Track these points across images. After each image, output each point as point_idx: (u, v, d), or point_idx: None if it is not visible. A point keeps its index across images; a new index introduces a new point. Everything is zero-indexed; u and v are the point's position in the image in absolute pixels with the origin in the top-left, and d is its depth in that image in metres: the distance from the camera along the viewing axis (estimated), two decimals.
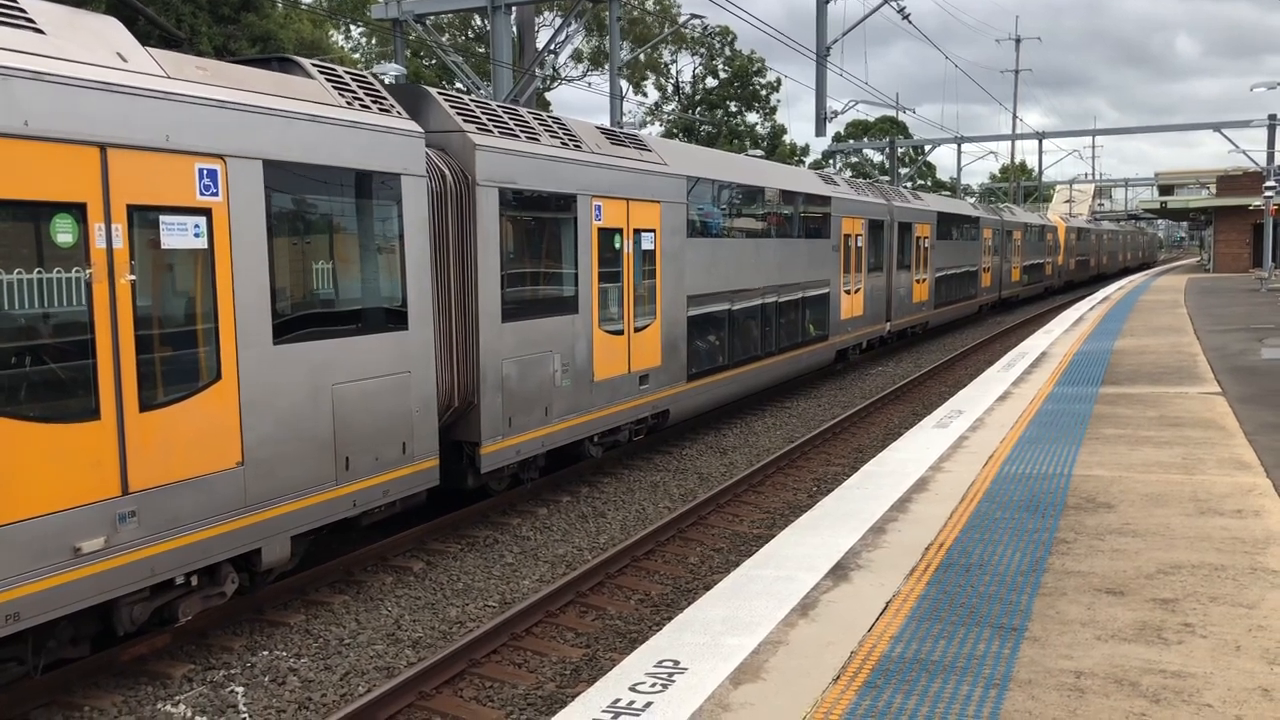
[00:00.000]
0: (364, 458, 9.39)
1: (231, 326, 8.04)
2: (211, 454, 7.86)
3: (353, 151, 9.22)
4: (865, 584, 6.48)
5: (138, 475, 7.25)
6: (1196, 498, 8.42)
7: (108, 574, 7.08)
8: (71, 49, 6.99)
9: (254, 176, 8.18)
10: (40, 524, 6.63)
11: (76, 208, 6.85)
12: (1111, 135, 72.58)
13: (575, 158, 12.79)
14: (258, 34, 33.17)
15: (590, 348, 13.20)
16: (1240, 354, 18.15)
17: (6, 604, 6.44)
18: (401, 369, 9.85)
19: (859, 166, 77.06)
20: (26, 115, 6.52)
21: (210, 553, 7.90)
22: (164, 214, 7.48)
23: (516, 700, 7.67)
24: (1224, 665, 5.18)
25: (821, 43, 28.41)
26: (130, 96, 7.19)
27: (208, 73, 8.03)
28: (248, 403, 8.16)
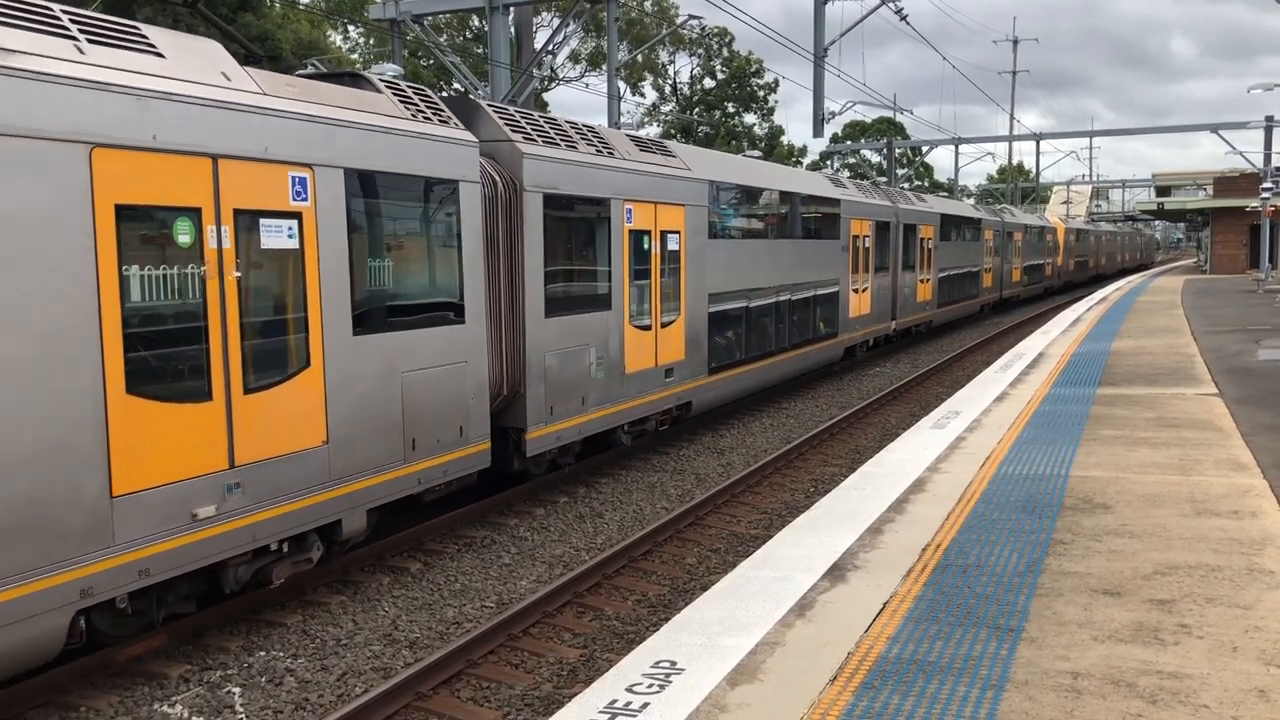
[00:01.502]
0: (427, 439, 10.28)
1: (319, 319, 8.95)
2: (302, 433, 8.75)
3: (418, 160, 10.12)
4: (862, 585, 6.48)
5: (242, 451, 8.15)
6: (1193, 499, 8.43)
7: (218, 538, 7.99)
8: (186, 70, 7.86)
9: (337, 184, 9.10)
10: (166, 491, 7.54)
11: (194, 212, 7.75)
12: (1109, 136, 72.58)
13: (608, 164, 13.67)
14: (255, 34, 33.15)
15: (622, 342, 14.07)
16: (1237, 355, 18.17)
17: (139, 560, 7.36)
18: (459, 359, 10.74)
19: (856, 167, 77.16)
20: (155, 130, 7.41)
21: (300, 522, 8.78)
22: (263, 217, 8.38)
23: (514, 701, 7.67)
24: (1221, 666, 5.18)
25: (819, 44, 28.43)
26: (236, 112, 8.08)
27: (296, 90, 8.92)
28: (332, 387, 9.07)
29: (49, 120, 6.73)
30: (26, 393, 6.58)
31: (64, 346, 6.80)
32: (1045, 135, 66.48)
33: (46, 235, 6.69)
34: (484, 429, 11.20)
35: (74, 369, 6.86)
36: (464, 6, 25.41)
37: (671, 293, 15.48)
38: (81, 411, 6.91)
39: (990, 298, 41.32)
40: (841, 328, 23.80)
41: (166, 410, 7.50)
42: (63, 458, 6.81)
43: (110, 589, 7.18)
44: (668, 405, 15.57)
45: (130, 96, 7.24)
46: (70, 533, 6.88)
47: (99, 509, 7.08)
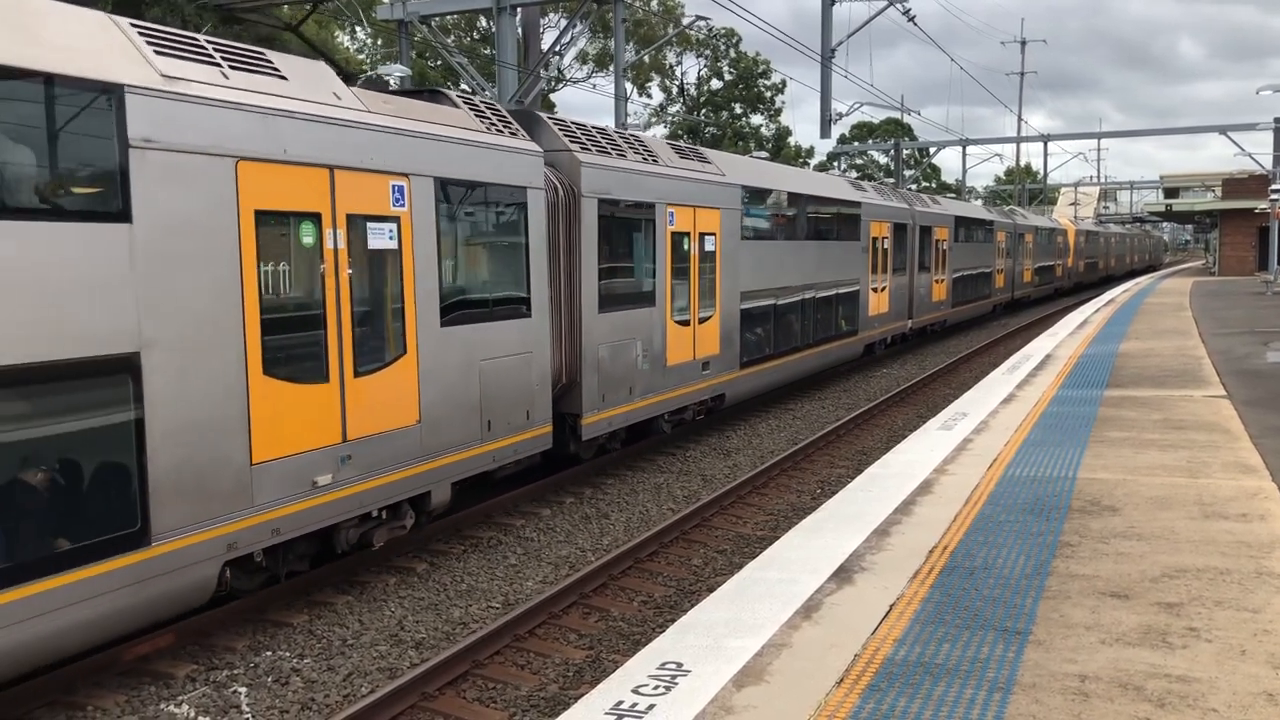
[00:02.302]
0: (500, 422, 11.32)
1: (413, 311, 9.97)
2: (399, 413, 9.77)
3: (493, 169, 11.14)
4: (869, 587, 6.47)
5: (353, 427, 9.19)
6: (1201, 501, 8.40)
7: (333, 503, 9.05)
8: (305, 90, 8.84)
9: (428, 191, 10.14)
10: (293, 461, 8.57)
11: (315, 216, 8.78)
12: (1117, 138, 72.55)
13: (653, 171, 14.69)
14: (262, 34, 33.19)
15: (664, 336, 15.09)
16: (1245, 357, 18.11)
17: (272, 521, 8.42)
18: (526, 350, 11.81)
19: (864, 168, 77.03)
20: (286, 145, 8.42)
21: (397, 492, 9.82)
22: (370, 221, 9.41)
23: (519, 701, 7.66)
24: (1229, 670, 5.16)
25: (826, 45, 28.40)
26: (347, 128, 9.10)
27: (392, 106, 9.95)
28: (424, 373, 10.09)
29: (205, 137, 7.75)
30: (191, 371, 7.65)
31: (218, 333, 7.88)
32: (1053, 137, 66.42)
33: (204, 237, 7.75)
34: (546, 414, 12.27)
35: (225, 352, 7.95)
36: (471, 7, 25.42)
37: (708, 290, 16.42)
38: (230, 389, 7.99)
39: (1002, 298, 41.90)
40: (861, 326, 24.59)
41: (293, 390, 8.58)
42: (216, 428, 7.86)
43: (250, 544, 8.26)
44: (704, 396, 16.53)
45: (266, 115, 8.27)
46: (220, 494, 7.92)
47: (242, 474, 8.11)
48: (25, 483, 6.69)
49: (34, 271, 6.61)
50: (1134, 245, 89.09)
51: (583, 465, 13.97)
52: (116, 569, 7.11)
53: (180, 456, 7.56)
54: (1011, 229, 42.75)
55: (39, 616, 6.61)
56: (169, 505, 7.46)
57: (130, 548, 7.22)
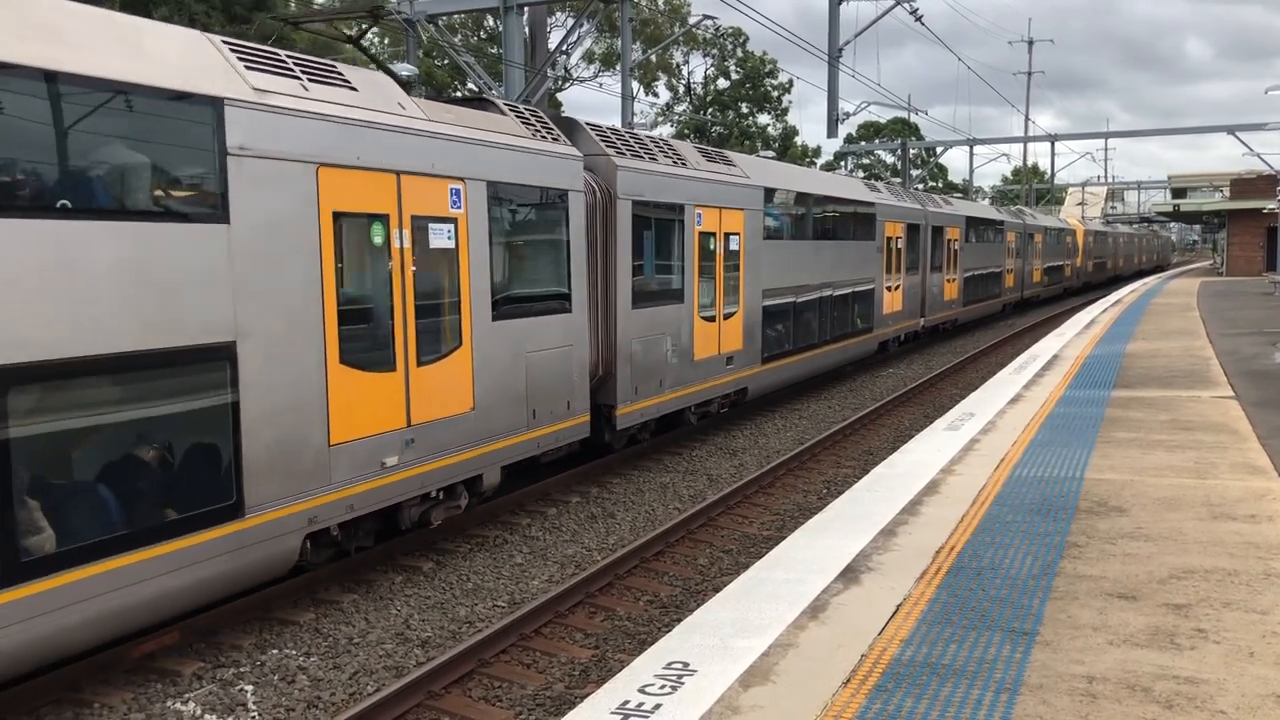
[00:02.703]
0: (544, 410, 12.06)
1: (468, 306, 10.68)
2: (456, 400, 10.51)
3: (538, 173, 11.88)
4: (876, 587, 6.46)
5: (415, 412, 9.90)
6: (1209, 502, 8.37)
7: (399, 483, 9.77)
8: (374, 101, 9.55)
9: (481, 194, 10.83)
10: (365, 443, 9.30)
11: (384, 218, 9.49)
12: (1124, 138, 72.33)
13: (682, 173, 15.38)
14: (269, 33, 33.24)
15: (692, 331, 15.77)
16: (1253, 358, 18.06)
17: (347, 498, 9.15)
18: (567, 343, 12.52)
19: (871, 168, 76.93)
20: (359, 152, 9.15)
21: (454, 474, 10.56)
22: (431, 222, 10.10)
23: (525, 701, 7.66)
24: (1238, 671, 5.14)
25: (834, 44, 28.36)
26: (411, 136, 9.79)
27: (448, 114, 10.67)
28: (477, 363, 10.82)
29: (291, 145, 8.46)
30: (278, 359, 8.34)
31: (303, 324, 8.60)
32: (1060, 136, 66.19)
33: (290, 236, 8.47)
34: (585, 404, 13.02)
35: (308, 342, 8.66)
36: (478, 6, 25.42)
37: (732, 288, 17.15)
38: (312, 376, 8.71)
39: (1012, 297, 42.37)
40: (876, 323, 25.24)
41: (365, 378, 9.31)
42: (300, 412, 8.59)
43: (328, 519, 9.00)
44: (728, 390, 17.25)
45: (343, 125, 9.00)
46: (303, 472, 8.65)
47: (321, 454, 8.83)
48: (141, 458, 7.48)
49: (151, 267, 7.33)
50: (1142, 245, 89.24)
51: (614, 454, 14.61)
52: (216, 538, 7.88)
53: (269, 437, 8.30)
54: (1021, 229, 43.21)
55: (155, 578, 7.39)
56: (260, 481, 8.23)
57: (227, 519, 7.98)
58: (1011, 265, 41.69)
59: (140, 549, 7.26)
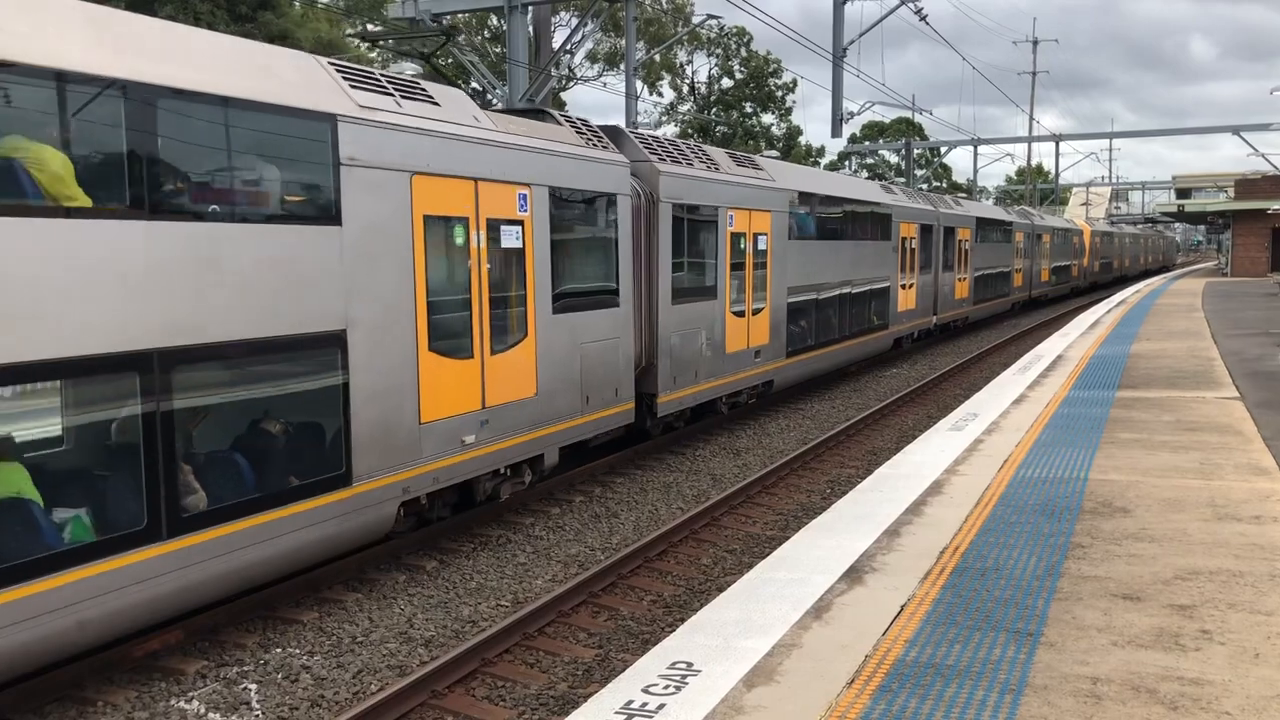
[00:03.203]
0: (595, 397, 13.08)
1: (533, 300, 11.69)
2: (522, 386, 11.55)
3: (591, 178, 12.91)
4: (880, 587, 6.45)
5: (489, 396, 10.98)
6: (1214, 503, 8.36)
7: (475, 459, 10.83)
8: (454, 114, 10.55)
9: (544, 198, 11.84)
10: (448, 422, 10.33)
11: (464, 220, 10.53)
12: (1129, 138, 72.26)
13: (716, 178, 16.40)
14: (274, 33, 33.26)
15: (724, 326, 16.75)
16: (1258, 359, 18.03)
17: (433, 471, 10.17)
18: (615, 335, 13.57)
19: (874, 168, 76.84)
20: (445, 161, 10.17)
21: (521, 454, 11.60)
22: (503, 224, 11.14)
23: (529, 700, 7.66)
24: (1243, 673, 5.13)
25: (838, 44, 28.33)
26: (486, 146, 10.85)
27: (515, 125, 11.73)
28: (540, 352, 11.85)
29: (390, 156, 9.44)
30: (379, 346, 9.35)
31: (399, 315, 9.61)
32: (1065, 136, 66.19)
33: (389, 237, 9.49)
34: (630, 392, 14.05)
35: (403, 331, 9.67)
36: (482, 6, 25.39)
37: (760, 286, 18.12)
38: (406, 361, 9.72)
39: (1020, 296, 43.03)
40: (891, 321, 26.17)
41: (448, 363, 10.33)
42: (397, 392, 9.61)
43: (418, 490, 10.01)
44: (756, 382, 18.23)
45: (431, 137, 9.98)
46: (398, 447, 9.65)
47: (414, 431, 9.85)
48: (272, 431, 8.58)
49: (278, 264, 8.34)
50: (1147, 246, 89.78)
51: (653, 440, 15.58)
52: (330, 503, 8.90)
53: (372, 414, 9.32)
54: (1029, 230, 43.90)
55: (280, 537, 8.37)
56: (364, 454, 9.24)
57: (339, 487, 9.00)
58: (1020, 265, 42.41)
59: (271, 510, 8.30)
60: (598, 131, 13.70)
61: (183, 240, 7.55)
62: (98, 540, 7.10)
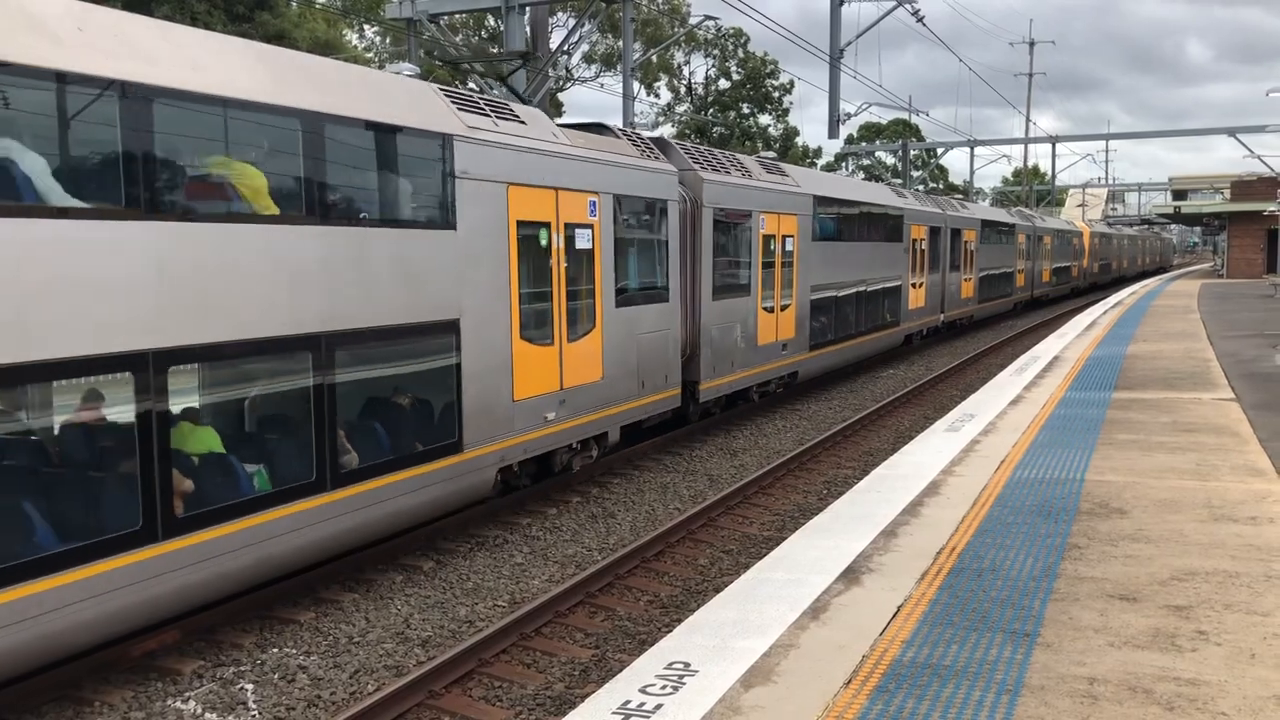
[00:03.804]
0: (650, 382, 14.54)
1: (600, 295, 13.17)
2: (591, 370, 13.04)
3: (647, 186, 14.38)
4: (877, 588, 6.46)
5: (566, 379, 12.46)
6: (1210, 504, 8.37)
7: (555, 434, 12.29)
8: (538, 132, 11.98)
9: (610, 205, 13.32)
10: (534, 400, 11.81)
11: (547, 225, 11.99)
12: (1125, 140, 72.37)
13: (750, 184, 17.93)
14: (271, 33, 33.22)
15: (756, 320, 18.19)
16: (1254, 360, 18.06)
17: (523, 443, 11.64)
18: (666, 327, 15.02)
19: (871, 169, 76.81)
20: (533, 173, 11.59)
21: (589, 431, 13.12)
22: (577, 228, 12.56)
23: (525, 700, 7.66)
24: (1239, 673, 5.14)
25: (835, 45, 28.35)
26: (564, 159, 12.32)
27: (583, 140, 13.15)
28: (606, 341, 13.34)
29: (491, 169, 10.89)
30: (483, 333, 10.81)
31: (498, 306, 11.08)
32: (1061, 138, 66.32)
33: (490, 239, 10.92)
34: (677, 378, 15.51)
35: (501, 320, 11.14)
36: (480, 6, 25.38)
37: (787, 284, 19.62)
38: (503, 346, 11.18)
39: (1022, 296, 44.28)
40: (903, 318, 27.59)
41: (534, 349, 11.78)
42: (496, 373, 11.09)
43: (512, 458, 11.50)
44: (783, 373, 19.77)
45: (522, 152, 11.40)
46: (497, 420, 11.13)
47: (509, 407, 11.33)
48: (402, 404, 10.10)
49: (409, 262, 9.75)
50: (1144, 247, 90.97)
51: (692, 425, 17.00)
52: (444, 466, 10.34)
53: (478, 391, 10.75)
54: (1031, 231, 45.01)
55: (411, 493, 9.85)
56: (472, 425, 10.67)
57: (453, 452, 10.48)
58: (1022, 266, 43.54)
59: (403, 470, 9.75)
60: (650, 143, 15.18)
61: (342, 242, 9.02)
62: (276, 490, 8.49)
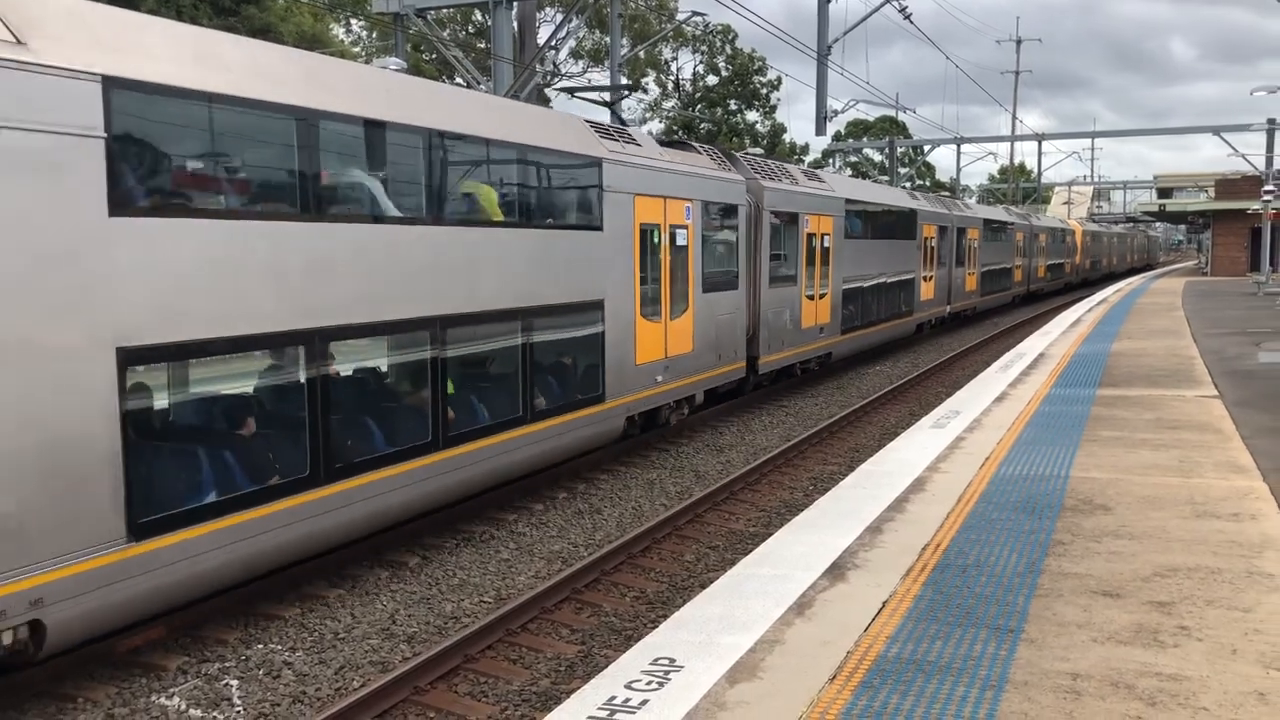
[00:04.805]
0: (724, 356, 17.66)
1: (692, 282, 16.21)
2: (685, 344, 16.07)
3: (723, 193, 17.45)
4: (862, 584, 6.48)
5: (670, 350, 15.49)
6: (1193, 501, 8.42)
7: (662, 393, 15.38)
8: (650, 152, 14.99)
9: (699, 209, 16.37)
10: (649, 365, 14.81)
11: (658, 226, 14.94)
12: (1110, 138, 72.62)
13: (797, 190, 21.15)
14: (258, 26, 33.05)
15: (800, 306, 21.26)
16: (1237, 357, 18.17)
17: (641, 399, 14.67)
18: (736, 310, 18.12)
19: (858, 166, 76.94)
20: (650, 186, 14.59)
21: (684, 393, 16.23)
22: (677, 229, 15.57)
23: (511, 697, 7.66)
24: (1220, 669, 5.18)
25: (822, 42, 28.41)
26: (669, 173, 15.30)
27: (678, 156, 16.19)
28: (696, 320, 16.34)
29: (624, 184, 13.92)
30: (617, 311, 13.89)
31: (627, 290, 14.20)
32: (1047, 136, 66.49)
33: (623, 238, 14.04)
34: (743, 354, 18.58)
35: (628, 301, 14.24)
36: (467, 1, 25.35)
37: (824, 276, 22.57)
38: (630, 321, 14.28)
39: (1020, 291, 47.48)
40: (916, 308, 30.77)
41: (648, 325, 14.83)
42: (625, 343, 14.20)
43: (634, 410, 14.56)
44: (821, 353, 22.88)
45: (643, 170, 14.45)
46: (625, 379, 14.17)
47: (632, 370, 14.40)
48: (565, 363, 13.18)
49: (573, 255, 12.95)
50: (1132, 245, 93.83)
51: (749, 394, 19.85)
52: (593, 413, 13.47)
53: (614, 355, 13.85)
54: (1028, 230, 48.25)
55: (574, 430, 12.99)
56: (610, 382, 13.74)
57: (598, 402, 13.56)
58: (1020, 262, 46.68)
59: (571, 412, 12.92)
60: (723, 157, 18.43)
61: (533, 240, 12.18)
62: (493, 423, 11.44)
